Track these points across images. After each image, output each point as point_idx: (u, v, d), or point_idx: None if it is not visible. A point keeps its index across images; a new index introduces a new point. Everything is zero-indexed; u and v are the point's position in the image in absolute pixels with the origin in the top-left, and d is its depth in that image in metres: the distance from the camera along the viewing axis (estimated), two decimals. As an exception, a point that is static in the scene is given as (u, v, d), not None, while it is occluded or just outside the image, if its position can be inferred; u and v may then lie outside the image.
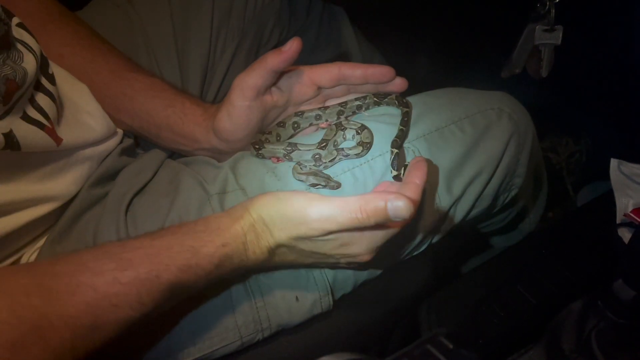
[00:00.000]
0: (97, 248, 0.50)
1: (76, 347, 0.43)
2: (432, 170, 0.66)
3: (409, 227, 0.57)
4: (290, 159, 0.67)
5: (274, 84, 0.68)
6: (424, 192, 0.57)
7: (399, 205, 0.49)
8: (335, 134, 0.67)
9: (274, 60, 0.64)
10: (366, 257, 0.56)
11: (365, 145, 0.66)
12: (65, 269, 0.46)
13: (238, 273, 0.57)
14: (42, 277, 0.45)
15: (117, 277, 0.46)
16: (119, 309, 0.46)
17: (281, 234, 0.53)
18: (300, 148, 0.66)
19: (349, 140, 0.69)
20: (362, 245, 0.55)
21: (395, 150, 0.64)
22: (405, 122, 0.68)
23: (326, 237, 0.53)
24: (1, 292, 0.42)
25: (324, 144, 0.67)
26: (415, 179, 0.55)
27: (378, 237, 0.55)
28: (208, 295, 0.60)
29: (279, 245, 0.54)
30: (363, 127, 0.68)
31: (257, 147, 0.68)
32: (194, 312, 0.60)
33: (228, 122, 0.68)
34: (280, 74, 0.68)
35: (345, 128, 0.68)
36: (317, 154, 0.66)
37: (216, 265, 0.52)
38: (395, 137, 0.66)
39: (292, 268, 0.63)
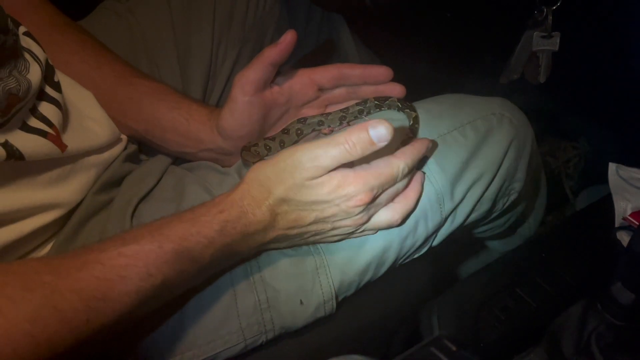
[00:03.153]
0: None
1: (91, 319, 0.45)
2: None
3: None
4: None
5: (273, 80, 0.71)
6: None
7: (380, 130, 0.53)
8: None
9: (270, 53, 0.67)
10: (365, 198, 0.56)
11: None
12: (72, 253, 0.48)
13: (248, 244, 0.57)
14: (50, 259, 0.49)
15: (121, 251, 0.48)
16: (128, 280, 0.48)
17: (279, 187, 0.55)
18: None
19: None
20: (358, 184, 0.56)
21: None
22: (417, 130, 0.69)
23: (321, 180, 0.55)
24: (11, 273, 0.43)
25: None
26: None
27: (370, 175, 0.56)
28: (213, 294, 0.61)
29: (278, 201, 0.56)
30: None
31: (240, 151, 0.71)
32: (197, 313, 0.60)
33: (230, 118, 0.70)
34: (278, 69, 0.70)
35: None
36: None
37: (217, 232, 0.53)
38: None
39: (300, 243, 0.63)
